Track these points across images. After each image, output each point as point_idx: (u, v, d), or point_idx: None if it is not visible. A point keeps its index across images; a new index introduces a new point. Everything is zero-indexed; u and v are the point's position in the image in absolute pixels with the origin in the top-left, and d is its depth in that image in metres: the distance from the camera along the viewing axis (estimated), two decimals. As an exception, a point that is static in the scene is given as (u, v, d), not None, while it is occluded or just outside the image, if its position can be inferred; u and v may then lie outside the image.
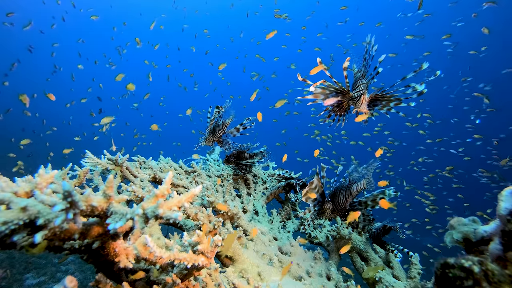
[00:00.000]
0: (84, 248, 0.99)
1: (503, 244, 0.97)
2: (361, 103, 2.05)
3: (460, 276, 0.90)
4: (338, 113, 2.27)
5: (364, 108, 2.06)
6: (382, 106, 2.09)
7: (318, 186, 2.16)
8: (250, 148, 3.12)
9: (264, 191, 3.27)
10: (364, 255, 2.57)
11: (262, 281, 1.90)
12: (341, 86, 2.04)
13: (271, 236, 2.63)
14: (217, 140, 3.03)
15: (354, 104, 2.10)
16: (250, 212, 2.78)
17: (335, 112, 2.27)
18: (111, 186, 0.87)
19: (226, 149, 3.07)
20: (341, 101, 2.16)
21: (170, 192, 0.91)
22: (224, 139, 3.07)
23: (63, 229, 0.84)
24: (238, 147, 3.08)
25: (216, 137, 2.99)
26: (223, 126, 2.94)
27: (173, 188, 2.69)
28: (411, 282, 2.28)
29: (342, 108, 2.23)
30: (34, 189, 0.90)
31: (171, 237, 2.00)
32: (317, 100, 2.09)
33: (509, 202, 0.98)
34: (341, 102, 2.17)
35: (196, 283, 1.19)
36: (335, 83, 2.03)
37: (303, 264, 2.31)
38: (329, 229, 2.85)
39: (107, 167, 2.47)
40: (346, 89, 2.07)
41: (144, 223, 0.84)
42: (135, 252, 1.06)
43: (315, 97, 2.07)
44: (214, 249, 1.10)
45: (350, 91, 2.10)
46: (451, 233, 1.29)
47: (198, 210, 1.87)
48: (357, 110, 2.10)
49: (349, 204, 2.28)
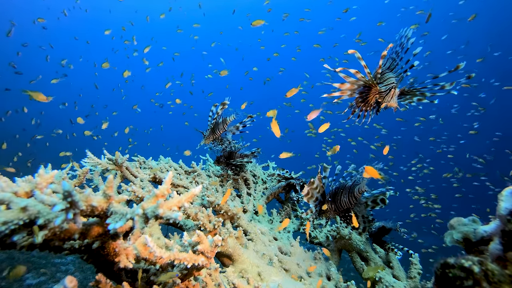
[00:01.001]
0: (84, 248, 0.99)
1: (503, 244, 0.97)
2: (391, 98, 1.92)
3: (460, 276, 0.90)
4: (363, 109, 2.11)
5: (394, 103, 1.93)
6: (404, 99, 2.02)
7: (319, 186, 2.16)
8: (241, 148, 3.12)
9: (264, 191, 3.27)
10: (364, 255, 2.57)
11: (262, 281, 1.90)
12: (371, 79, 1.89)
13: (271, 236, 2.63)
14: (217, 138, 3.01)
15: (382, 98, 1.95)
16: (250, 212, 2.78)
17: (360, 107, 2.10)
18: (111, 186, 0.87)
19: (226, 147, 3.05)
20: (367, 95, 2.01)
21: (170, 192, 0.91)
22: (223, 137, 3.06)
23: (63, 229, 0.84)
24: (230, 147, 3.08)
25: (216, 135, 2.98)
26: (223, 124, 2.92)
27: (173, 188, 2.69)
28: (411, 282, 2.28)
29: (368, 103, 2.06)
30: (34, 189, 0.90)
31: (171, 237, 2.00)
32: (342, 97, 1.95)
33: (509, 202, 0.98)
34: (366, 96, 2.02)
35: (196, 283, 1.19)
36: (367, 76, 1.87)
37: (303, 264, 2.31)
38: (329, 229, 2.85)
39: (107, 167, 2.47)
40: (374, 82, 1.91)
41: (144, 223, 0.84)
42: (135, 252, 1.06)
43: (342, 94, 1.93)
44: (214, 249, 1.10)
45: (377, 85, 1.95)
46: (451, 233, 1.29)
47: (198, 210, 1.88)
48: (387, 105, 1.95)
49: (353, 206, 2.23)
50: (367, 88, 1.98)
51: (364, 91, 2.01)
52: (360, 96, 2.02)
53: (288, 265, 2.19)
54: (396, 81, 1.94)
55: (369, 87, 1.97)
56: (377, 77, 1.90)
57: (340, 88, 1.92)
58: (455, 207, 11.55)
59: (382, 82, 1.96)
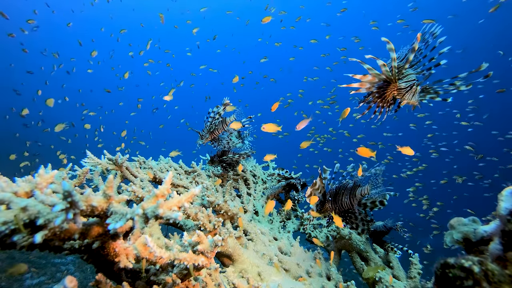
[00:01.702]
0: (84, 248, 0.99)
1: (503, 244, 0.97)
2: (413, 95, 1.82)
3: (460, 276, 0.90)
4: (379, 105, 1.98)
5: (416, 100, 1.84)
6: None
7: (321, 187, 2.16)
8: (234, 146, 3.13)
9: (264, 191, 3.27)
10: (364, 255, 2.57)
11: (262, 281, 1.90)
12: (395, 73, 1.79)
13: (271, 236, 2.63)
14: (215, 138, 3.01)
15: (402, 95, 1.85)
16: (250, 212, 2.78)
17: (377, 103, 1.97)
18: (111, 186, 0.87)
19: (225, 147, 3.05)
20: (385, 90, 1.90)
21: (170, 192, 0.91)
22: (221, 137, 3.06)
23: (63, 229, 0.84)
24: (228, 147, 3.08)
25: (215, 135, 2.97)
26: (223, 124, 2.92)
27: (173, 188, 2.69)
28: (411, 282, 2.28)
29: (385, 99, 1.95)
30: (34, 189, 0.90)
31: (171, 237, 2.00)
32: (360, 89, 1.85)
33: (509, 202, 0.98)
34: (384, 92, 1.92)
35: (196, 283, 1.19)
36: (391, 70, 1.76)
37: (303, 264, 2.31)
38: (329, 229, 2.85)
39: (107, 167, 2.47)
40: (396, 77, 1.81)
41: (144, 223, 0.84)
42: (135, 252, 1.06)
43: (361, 86, 1.84)
44: (214, 249, 1.10)
45: (397, 81, 1.84)
46: (451, 233, 1.28)
47: (198, 210, 1.87)
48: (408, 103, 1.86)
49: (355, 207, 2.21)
50: (386, 83, 1.88)
51: (383, 86, 1.90)
52: (378, 91, 1.92)
53: (288, 265, 2.19)
54: (416, 78, 1.84)
55: (388, 82, 1.87)
56: (401, 73, 1.81)
57: (360, 80, 1.82)
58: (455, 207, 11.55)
59: (402, 78, 1.85)
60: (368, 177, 2.13)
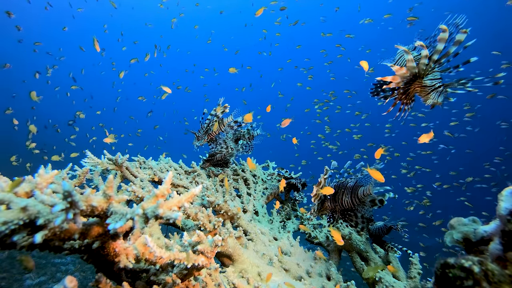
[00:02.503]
0: (84, 248, 0.99)
1: (503, 244, 0.97)
2: (439, 94, 1.73)
3: (460, 276, 0.90)
4: (404, 102, 1.91)
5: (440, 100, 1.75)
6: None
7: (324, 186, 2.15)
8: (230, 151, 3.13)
9: (264, 191, 3.27)
10: (364, 255, 2.57)
11: (262, 281, 1.90)
12: (427, 69, 1.70)
13: (271, 236, 2.63)
14: (212, 138, 3.00)
15: (426, 94, 1.76)
16: (250, 212, 2.78)
17: (401, 100, 1.89)
18: (111, 186, 0.87)
19: (223, 147, 3.04)
20: (409, 86, 1.83)
21: (170, 192, 0.91)
22: (218, 138, 3.04)
23: (63, 229, 0.84)
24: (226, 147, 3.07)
25: (212, 136, 2.96)
26: (220, 125, 2.91)
27: (173, 188, 2.69)
28: (411, 282, 2.28)
29: (409, 95, 1.87)
30: (34, 189, 0.90)
31: (171, 237, 2.00)
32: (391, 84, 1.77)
33: (509, 202, 0.98)
34: (408, 88, 1.84)
35: (196, 283, 1.19)
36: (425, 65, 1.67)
37: (303, 264, 2.31)
38: (329, 229, 2.85)
39: (107, 167, 2.47)
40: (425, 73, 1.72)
41: (144, 223, 0.84)
42: (135, 252, 1.06)
43: (393, 79, 1.76)
44: (214, 249, 1.10)
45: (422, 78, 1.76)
46: (451, 233, 1.28)
47: (198, 210, 1.87)
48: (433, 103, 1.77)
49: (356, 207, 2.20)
50: (412, 79, 1.80)
51: (409, 82, 1.82)
52: (404, 87, 1.85)
53: (288, 265, 2.19)
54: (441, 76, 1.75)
55: (414, 78, 1.79)
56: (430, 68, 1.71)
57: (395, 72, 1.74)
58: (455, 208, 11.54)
59: (427, 75, 1.76)
60: (369, 176, 2.12)
